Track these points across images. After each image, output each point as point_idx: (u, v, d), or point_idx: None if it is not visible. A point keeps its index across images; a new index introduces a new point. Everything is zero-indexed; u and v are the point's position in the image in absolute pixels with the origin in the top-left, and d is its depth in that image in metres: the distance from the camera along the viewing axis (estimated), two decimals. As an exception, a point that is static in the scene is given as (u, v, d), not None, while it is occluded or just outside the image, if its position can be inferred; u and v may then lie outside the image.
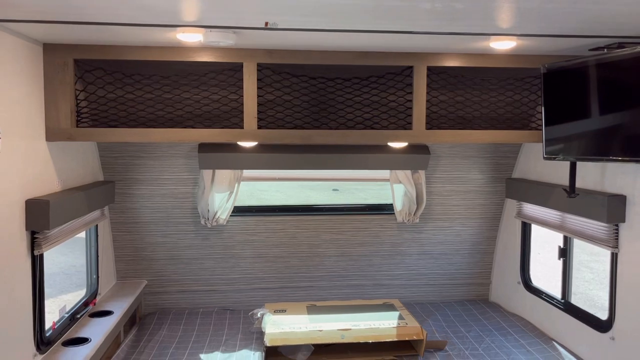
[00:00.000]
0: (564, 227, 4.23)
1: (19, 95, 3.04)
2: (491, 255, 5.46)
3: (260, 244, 5.15)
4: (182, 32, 2.92)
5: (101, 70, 3.52)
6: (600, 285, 9.28)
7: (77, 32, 3.01)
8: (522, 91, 3.98)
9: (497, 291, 5.43)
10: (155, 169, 4.74)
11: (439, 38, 3.14)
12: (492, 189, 5.22)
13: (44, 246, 3.20)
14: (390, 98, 3.83)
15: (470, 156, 5.07)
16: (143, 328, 4.62)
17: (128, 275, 5.02)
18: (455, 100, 3.91)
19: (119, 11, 2.53)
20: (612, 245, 3.66)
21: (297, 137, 3.71)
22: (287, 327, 4.26)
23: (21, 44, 3.07)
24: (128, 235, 4.91)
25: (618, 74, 3.14)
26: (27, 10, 2.50)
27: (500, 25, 2.81)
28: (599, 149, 3.33)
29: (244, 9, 2.47)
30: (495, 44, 3.27)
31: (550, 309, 4.49)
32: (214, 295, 5.18)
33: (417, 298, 5.41)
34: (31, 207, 3.07)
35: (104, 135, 3.53)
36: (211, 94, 3.64)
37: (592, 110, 3.35)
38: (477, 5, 2.38)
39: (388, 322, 4.39)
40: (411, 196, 5.06)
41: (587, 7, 2.39)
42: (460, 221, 5.31)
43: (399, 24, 2.75)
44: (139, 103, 3.59)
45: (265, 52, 3.55)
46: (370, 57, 3.65)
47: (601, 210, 3.61)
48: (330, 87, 3.79)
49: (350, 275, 5.33)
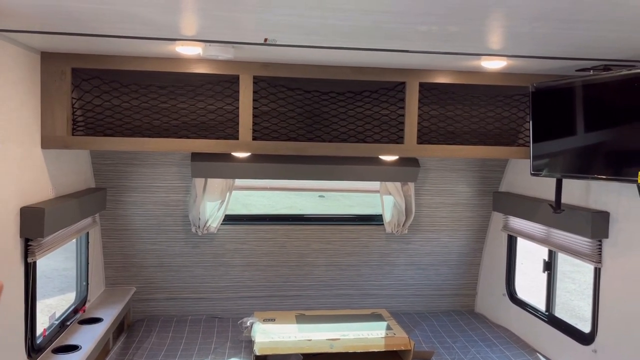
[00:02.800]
0: (549, 242, 4.34)
1: (16, 103, 3.06)
2: (477, 267, 5.56)
3: (250, 253, 5.19)
4: (181, 45, 2.96)
5: (98, 79, 3.55)
6: (581, 296, 9.44)
7: (76, 41, 3.04)
8: (511, 108, 4.09)
9: (483, 302, 5.52)
10: (147, 176, 4.76)
11: (432, 57, 3.24)
12: (480, 202, 5.31)
13: (37, 254, 3.21)
14: (382, 112, 3.90)
15: (459, 169, 5.17)
16: (132, 335, 4.62)
17: (117, 282, 5.01)
18: (445, 116, 4.00)
19: (119, 24, 2.57)
20: (596, 260, 3.76)
21: (291, 149, 3.77)
22: (277, 336, 4.30)
23: (20, 52, 3.09)
24: (118, 242, 4.92)
25: (603, 95, 3.25)
26: (28, 21, 2.53)
27: (492, 46, 2.90)
28: (584, 167, 3.44)
29: (244, 25, 2.53)
30: (486, 63, 3.36)
31: (534, 321, 4.59)
32: (202, 302, 5.20)
33: (405, 308, 5.47)
34: (26, 215, 3.09)
35: (99, 143, 3.55)
36: (207, 105, 3.69)
37: (578, 129, 3.46)
38: (471, 29, 2.46)
39: (376, 332, 4.45)
40: (400, 207, 5.14)
41: (574, 32, 2.49)
42: (448, 233, 5.40)
43: (394, 43, 2.83)
44: (135, 112, 3.62)
45: (262, 65, 3.61)
46: (365, 73, 3.73)
47: (585, 226, 3.72)
48: (325, 100, 3.85)
49: (338, 284, 5.39)
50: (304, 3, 2.08)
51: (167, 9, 2.24)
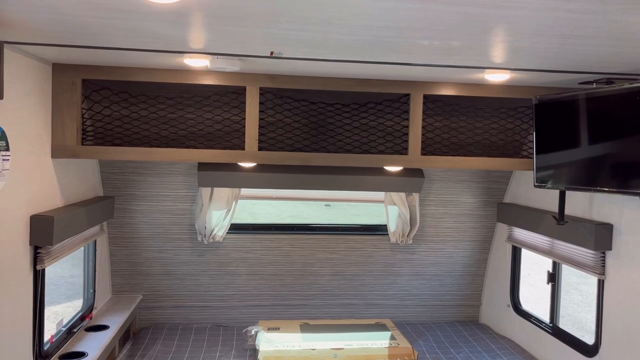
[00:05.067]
0: (553, 253, 4.35)
1: (28, 113, 3.13)
2: (482, 277, 5.56)
3: (255, 262, 5.23)
4: (189, 57, 3.03)
5: (107, 90, 3.62)
6: (588, 308, 9.37)
7: (86, 53, 3.11)
8: (515, 120, 4.12)
9: (487, 313, 5.52)
10: (154, 185, 4.82)
11: (436, 70, 3.28)
12: (484, 213, 5.33)
13: (46, 261, 3.26)
14: (387, 124, 3.95)
15: (463, 180, 5.19)
16: (137, 343, 4.66)
17: (123, 290, 5.06)
18: (449, 127, 4.04)
19: (129, 38, 2.63)
20: (599, 272, 3.77)
21: (296, 160, 3.82)
22: (281, 345, 4.32)
23: (32, 64, 3.16)
24: (125, 250, 4.97)
25: (606, 108, 3.28)
26: (40, 34, 2.59)
27: (494, 60, 2.94)
28: (587, 179, 3.46)
29: (251, 39, 2.59)
30: (490, 76, 3.41)
31: (538, 332, 4.59)
32: (207, 311, 5.24)
33: (409, 318, 5.48)
34: (35, 223, 3.14)
35: (108, 153, 3.62)
36: (214, 116, 3.75)
37: (581, 141, 3.49)
38: (472, 43, 2.51)
39: (380, 342, 4.46)
40: (405, 218, 5.16)
41: (575, 47, 2.53)
42: (452, 243, 5.41)
43: (397, 56, 2.87)
44: (143, 122, 3.68)
45: (268, 77, 3.67)
46: (370, 85, 3.77)
47: (589, 237, 3.73)
48: (330, 111, 3.90)
49: (343, 294, 5.41)
50: (308, 19, 2.13)
51: (176, 24, 2.29)
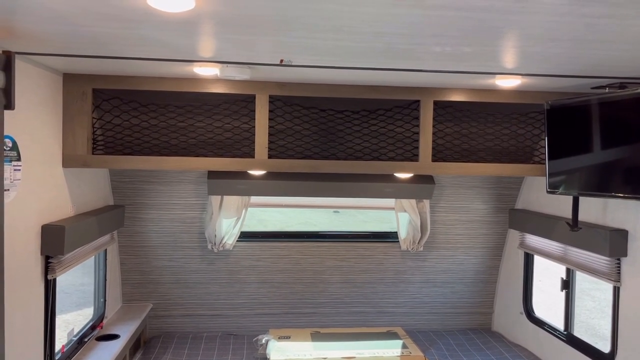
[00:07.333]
0: (567, 260, 4.29)
1: (39, 123, 3.14)
2: (494, 284, 5.50)
3: (265, 270, 5.21)
4: (199, 66, 3.03)
5: (118, 99, 3.63)
6: (601, 314, 9.27)
7: (97, 63, 3.12)
8: (526, 126, 4.08)
9: (500, 321, 5.46)
10: (164, 193, 4.82)
11: (447, 75, 3.26)
12: (495, 219, 5.28)
13: (57, 271, 3.26)
14: (397, 130, 3.93)
15: (474, 186, 5.15)
16: (148, 352, 4.65)
17: (133, 299, 5.06)
18: (460, 134, 4.01)
19: (139, 47, 2.64)
20: (614, 279, 3.71)
21: (306, 167, 3.81)
22: (292, 353, 4.29)
23: (43, 74, 3.18)
24: (135, 258, 4.97)
25: (620, 113, 3.24)
26: (51, 44, 2.60)
27: (506, 65, 2.92)
28: (600, 185, 3.41)
29: (260, 47, 2.58)
30: (501, 82, 3.37)
31: (552, 340, 4.52)
32: (218, 319, 5.22)
33: (420, 326, 5.43)
34: (47, 232, 3.15)
35: (118, 162, 3.62)
36: (224, 124, 3.75)
37: (594, 147, 3.45)
38: (484, 49, 2.48)
39: (392, 350, 4.41)
40: (415, 225, 5.13)
41: (588, 52, 2.50)
42: (464, 250, 5.37)
43: (408, 63, 2.85)
44: (154, 131, 3.69)
45: (277, 85, 3.67)
46: (379, 91, 3.76)
47: (603, 244, 3.68)
48: (339, 118, 3.89)
49: (353, 302, 5.37)
50: (319, 26, 2.12)
51: (186, 33, 2.30)
